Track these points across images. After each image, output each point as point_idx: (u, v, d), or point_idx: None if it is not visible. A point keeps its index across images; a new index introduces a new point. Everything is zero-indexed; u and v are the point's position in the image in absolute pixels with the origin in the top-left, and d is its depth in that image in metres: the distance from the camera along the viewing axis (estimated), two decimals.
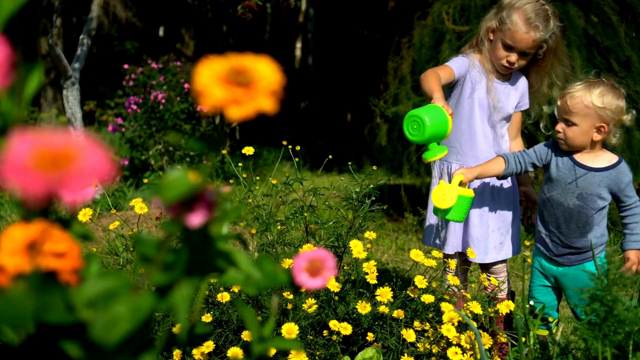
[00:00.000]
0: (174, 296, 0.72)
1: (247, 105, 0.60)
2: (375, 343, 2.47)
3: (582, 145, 2.64)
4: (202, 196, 0.69)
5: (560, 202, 2.67)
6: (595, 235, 2.66)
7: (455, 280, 2.50)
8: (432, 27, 5.24)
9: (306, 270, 0.92)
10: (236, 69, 0.61)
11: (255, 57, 0.63)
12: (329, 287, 2.38)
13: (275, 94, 0.61)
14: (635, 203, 2.64)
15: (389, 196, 6.74)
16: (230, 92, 0.59)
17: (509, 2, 2.78)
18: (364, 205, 2.68)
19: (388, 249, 4.93)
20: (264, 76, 0.61)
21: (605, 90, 2.57)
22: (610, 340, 1.98)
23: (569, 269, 2.71)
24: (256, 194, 2.78)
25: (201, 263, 0.81)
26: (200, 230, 0.77)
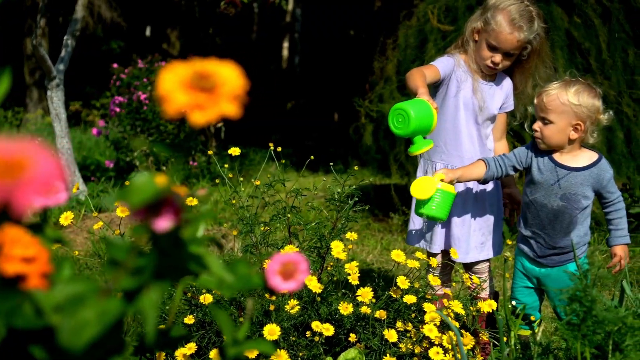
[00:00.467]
0: (142, 301, 0.72)
1: (211, 110, 0.60)
2: (358, 344, 2.47)
3: (559, 144, 2.64)
4: (169, 201, 0.69)
5: (544, 204, 2.68)
6: (579, 235, 2.67)
7: (436, 280, 2.50)
8: (417, 28, 5.25)
9: (279, 273, 0.92)
10: (200, 74, 0.61)
11: (219, 62, 0.63)
12: (311, 288, 2.38)
13: (238, 99, 0.61)
14: (617, 198, 2.66)
15: (376, 196, 6.76)
16: (193, 97, 0.60)
17: (494, 3, 2.79)
18: (346, 206, 2.68)
19: (373, 249, 4.94)
20: (227, 81, 0.61)
21: (581, 88, 2.58)
22: (590, 340, 1.99)
23: (552, 270, 2.72)
24: (241, 194, 2.77)
25: (172, 267, 0.81)
26: (171, 234, 0.77)
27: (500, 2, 2.78)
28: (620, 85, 4.66)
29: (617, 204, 2.66)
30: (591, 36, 4.63)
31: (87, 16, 8.42)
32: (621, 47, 4.69)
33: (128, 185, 0.67)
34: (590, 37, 4.64)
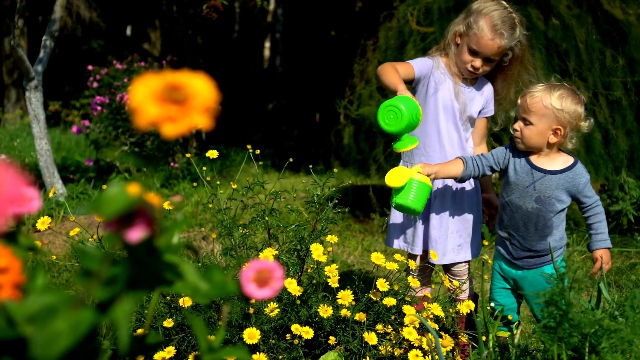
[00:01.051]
0: (115, 311, 0.72)
1: (182, 122, 0.60)
2: (338, 346, 2.47)
3: (537, 146, 2.66)
4: (141, 211, 0.69)
5: (519, 205, 2.70)
6: (555, 239, 2.68)
7: (416, 282, 2.51)
8: (398, 29, 5.26)
9: (254, 280, 0.92)
10: (171, 86, 0.61)
11: (192, 74, 0.63)
12: (290, 291, 2.38)
13: (210, 111, 0.61)
14: (595, 202, 2.67)
15: (356, 197, 6.77)
16: (164, 110, 0.59)
17: (477, 8, 2.80)
18: (326, 208, 2.69)
19: (354, 250, 4.95)
20: (199, 93, 0.61)
21: (565, 93, 2.60)
22: (567, 342, 2.00)
23: (528, 272, 2.74)
24: (220, 197, 2.77)
25: (147, 276, 0.81)
26: (145, 243, 0.77)
27: (483, 7, 2.79)
28: (597, 87, 4.70)
29: (596, 208, 2.67)
30: (569, 38, 4.67)
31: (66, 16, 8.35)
32: (598, 50, 4.73)
33: (100, 196, 0.67)
34: (568, 39, 4.67)
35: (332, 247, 5.01)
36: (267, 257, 2.42)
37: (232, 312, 2.47)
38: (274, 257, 2.49)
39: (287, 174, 8.34)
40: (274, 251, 2.48)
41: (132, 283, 0.76)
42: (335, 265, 2.49)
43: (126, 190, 0.66)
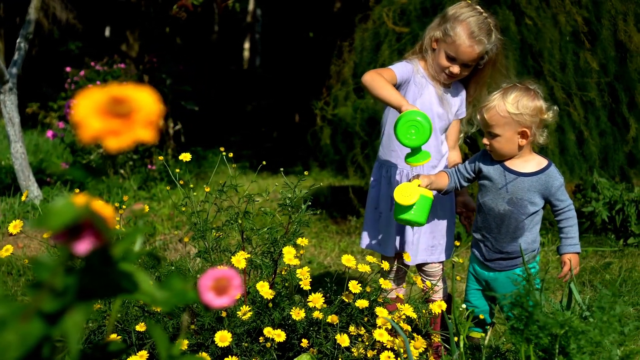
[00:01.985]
0: (66, 323, 0.72)
1: (126, 136, 0.60)
2: (311, 349, 2.48)
3: (511, 153, 2.67)
4: (89, 223, 0.69)
5: (492, 207, 2.71)
6: (526, 241, 2.70)
7: (387, 284, 2.52)
8: (373, 31, 5.28)
9: (212, 289, 0.92)
10: (115, 99, 0.61)
11: (136, 87, 0.63)
12: (262, 294, 2.38)
13: (154, 124, 0.61)
14: (568, 207, 2.68)
15: (334, 198, 6.77)
16: (108, 124, 0.60)
17: (454, 14, 2.80)
18: (300, 210, 2.69)
19: (331, 252, 4.95)
20: (143, 106, 0.61)
21: (518, 95, 2.60)
22: (536, 343, 2.02)
23: (500, 274, 2.75)
24: (194, 199, 2.76)
25: (101, 286, 0.81)
26: (99, 253, 0.77)
27: (459, 13, 2.80)
28: (571, 88, 4.74)
29: (568, 212, 2.68)
30: (542, 39, 4.70)
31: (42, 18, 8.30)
32: (572, 50, 4.76)
33: (46, 209, 0.67)
34: (542, 39, 4.70)
35: (310, 248, 5.03)
36: (239, 260, 2.42)
37: (205, 316, 2.47)
38: (246, 260, 2.49)
39: (265, 175, 8.34)
40: (246, 254, 2.48)
41: (84, 293, 0.76)
42: (307, 268, 2.49)
43: (72, 202, 0.66)
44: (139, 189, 6.83)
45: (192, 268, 2.85)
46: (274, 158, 9.56)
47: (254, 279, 2.66)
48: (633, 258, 4.64)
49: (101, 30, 13.01)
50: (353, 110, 5.19)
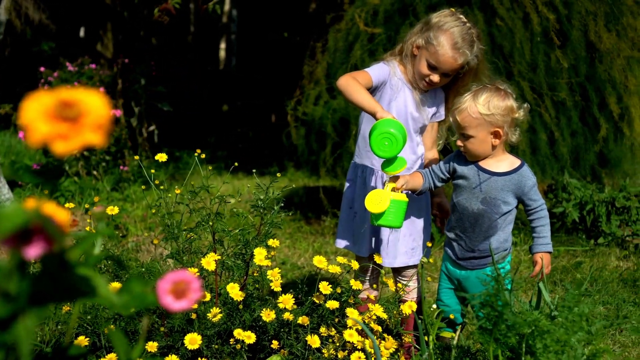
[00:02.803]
0: (17, 328, 0.71)
1: (74, 140, 0.60)
2: (282, 350, 2.48)
3: (485, 153, 2.70)
4: (40, 227, 0.69)
5: (466, 206, 2.73)
6: (498, 240, 2.72)
7: (358, 284, 2.53)
8: (346, 31, 5.29)
9: (171, 292, 0.92)
10: (64, 103, 0.61)
11: (85, 91, 0.63)
12: (232, 296, 2.38)
13: (103, 128, 0.61)
14: (540, 206, 2.71)
15: (309, 199, 6.77)
16: (56, 127, 0.59)
17: (437, 22, 2.80)
18: (272, 211, 2.69)
19: (305, 252, 4.95)
20: (91, 110, 0.61)
21: (489, 95, 2.63)
22: (504, 343, 2.03)
23: (471, 273, 2.77)
24: (166, 201, 2.75)
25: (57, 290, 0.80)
26: (55, 257, 0.76)
27: (443, 22, 2.79)
28: (542, 88, 4.77)
29: (540, 212, 2.71)
30: (513, 39, 4.73)
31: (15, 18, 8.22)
32: (543, 51, 4.80)
33: None
34: (512, 40, 4.73)
35: (284, 249, 5.03)
36: (209, 262, 2.42)
37: (175, 317, 2.46)
38: (218, 261, 2.49)
39: (241, 176, 8.31)
40: (217, 256, 2.47)
41: (38, 298, 0.76)
42: (277, 269, 2.50)
43: (22, 207, 0.66)
44: (112, 190, 6.78)
45: (163, 270, 2.83)
46: (250, 158, 9.54)
47: (225, 281, 2.66)
48: (603, 257, 4.69)
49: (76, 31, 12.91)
50: (325, 110, 5.19)
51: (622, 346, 3.20)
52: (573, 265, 4.53)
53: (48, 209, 0.74)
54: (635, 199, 5.02)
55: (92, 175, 6.93)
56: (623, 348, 3.17)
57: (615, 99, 4.86)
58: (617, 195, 5.01)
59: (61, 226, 0.76)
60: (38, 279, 0.76)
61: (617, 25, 4.86)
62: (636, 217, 4.99)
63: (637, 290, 3.99)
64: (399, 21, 5.04)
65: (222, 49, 14.95)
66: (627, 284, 4.12)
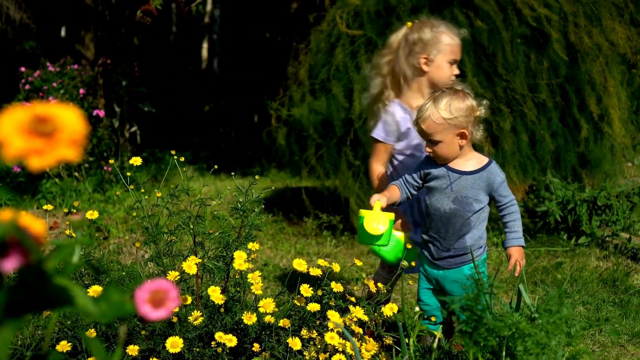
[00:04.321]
0: None
1: (49, 155, 0.60)
2: (263, 352, 2.48)
3: (454, 155, 2.78)
4: (15, 240, 0.69)
5: (438, 207, 2.78)
6: (473, 238, 2.78)
7: (339, 287, 2.54)
8: (328, 32, 5.29)
9: (148, 301, 0.92)
10: (39, 118, 0.61)
11: (61, 106, 0.63)
12: (213, 299, 2.38)
13: (78, 143, 0.61)
14: (511, 202, 2.78)
15: (291, 199, 6.77)
16: (31, 143, 0.60)
17: (426, 34, 3.08)
18: (253, 213, 2.69)
19: (287, 253, 4.95)
20: (67, 125, 0.61)
21: (449, 99, 2.70)
22: (484, 346, 2.05)
23: (448, 272, 2.81)
24: (151, 201, 2.75)
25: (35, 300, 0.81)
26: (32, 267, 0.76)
27: (433, 32, 3.08)
28: (523, 89, 4.80)
29: (511, 207, 2.77)
30: (495, 40, 4.76)
31: None
32: (523, 52, 4.83)
33: None
34: (494, 40, 4.76)
35: (266, 250, 5.03)
36: (190, 265, 2.42)
37: (156, 321, 2.46)
38: (199, 264, 2.49)
39: (223, 177, 8.30)
40: (198, 259, 2.48)
41: (14, 309, 0.76)
42: (258, 272, 2.50)
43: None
44: (94, 191, 6.75)
45: (144, 273, 2.83)
46: (232, 159, 9.53)
47: (206, 283, 2.66)
48: (584, 257, 4.72)
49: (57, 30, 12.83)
50: (308, 111, 5.19)
51: (601, 346, 3.22)
52: (553, 265, 4.56)
53: (24, 220, 0.74)
54: (616, 199, 5.06)
55: (73, 177, 6.89)
56: (603, 348, 3.20)
57: (595, 100, 4.90)
58: (599, 194, 5.05)
59: (37, 237, 0.77)
60: (14, 290, 0.76)
61: (597, 27, 4.90)
62: (616, 217, 5.03)
63: (617, 291, 4.03)
64: (382, 23, 5.06)
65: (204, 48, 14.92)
66: (606, 284, 4.15)
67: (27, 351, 2.63)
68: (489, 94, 4.68)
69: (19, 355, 2.64)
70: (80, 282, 2.59)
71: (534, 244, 5.05)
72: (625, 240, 4.97)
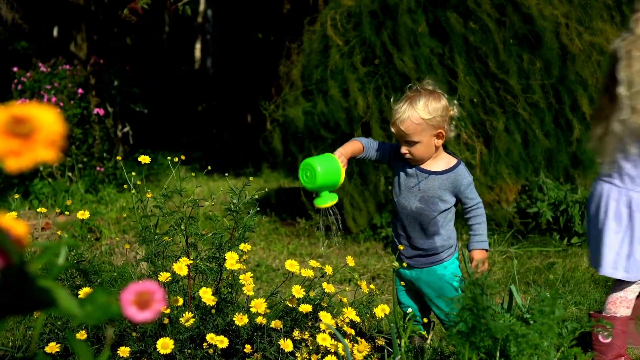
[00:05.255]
0: None
1: (26, 156, 0.59)
2: (255, 354, 2.47)
3: (429, 156, 2.78)
4: None
5: (404, 205, 2.79)
6: (442, 238, 2.79)
7: (330, 287, 2.53)
8: (321, 33, 5.28)
9: (134, 303, 0.91)
10: (16, 119, 0.60)
11: (39, 106, 0.62)
12: (205, 300, 2.37)
13: (56, 144, 0.60)
14: (476, 205, 2.77)
15: (285, 200, 6.77)
16: (7, 144, 0.59)
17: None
18: (247, 216, 2.68)
19: (280, 254, 4.95)
20: (44, 126, 0.60)
21: (425, 100, 2.69)
22: (479, 346, 2.04)
23: (421, 274, 2.82)
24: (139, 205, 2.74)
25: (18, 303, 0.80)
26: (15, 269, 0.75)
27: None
28: (516, 90, 4.80)
29: (476, 210, 2.77)
30: (487, 41, 4.76)
31: None
32: (516, 53, 4.83)
33: None
34: (487, 42, 4.76)
35: (259, 251, 5.02)
36: (181, 267, 2.41)
37: (147, 322, 2.45)
38: (191, 265, 2.48)
39: (216, 177, 8.29)
40: (189, 261, 2.46)
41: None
42: (250, 274, 2.49)
43: None
44: (86, 192, 6.73)
45: (136, 274, 2.81)
46: (225, 159, 9.52)
47: (199, 284, 2.65)
48: (576, 258, 4.73)
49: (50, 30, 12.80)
50: (302, 113, 5.19)
51: None
52: (546, 266, 4.56)
53: (5, 222, 0.73)
54: None
55: (66, 177, 6.87)
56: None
57: (587, 101, 4.91)
58: None
59: (19, 240, 0.76)
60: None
61: (588, 28, 4.91)
62: None
63: (608, 291, 4.02)
64: (375, 23, 5.05)
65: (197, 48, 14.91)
66: (598, 284, 4.16)
67: (17, 352, 2.62)
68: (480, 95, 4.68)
69: (9, 356, 2.63)
70: (71, 283, 2.58)
71: (526, 245, 5.05)
72: None
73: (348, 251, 5.04)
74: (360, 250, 5.04)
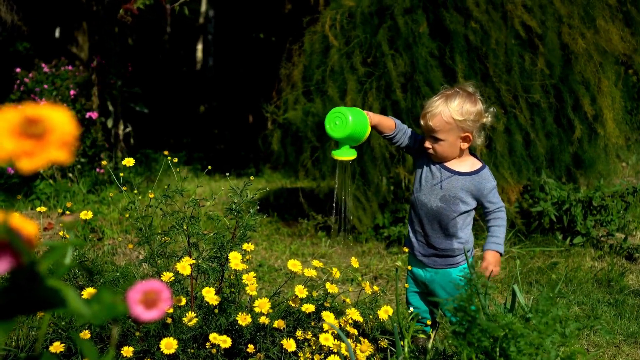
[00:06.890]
0: None
1: (39, 157, 0.60)
2: (258, 354, 2.48)
3: (452, 156, 2.74)
4: (5, 243, 0.68)
5: (425, 203, 2.77)
6: (460, 241, 2.76)
7: (334, 288, 2.53)
8: (322, 34, 5.28)
9: (141, 302, 0.91)
10: (29, 120, 0.61)
11: (51, 107, 0.62)
12: (207, 300, 2.38)
13: (68, 145, 0.61)
14: (499, 208, 2.74)
15: (286, 200, 6.77)
16: (21, 145, 0.59)
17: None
18: (248, 214, 2.68)
19: (282, 254, 4.95)
20: (57, 127, 0.61)
21: (461, 101, 2.67)
22: (478, 346, 2.05)
23: (436, 275, 2.80)
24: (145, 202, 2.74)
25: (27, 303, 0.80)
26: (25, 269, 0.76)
27: None
28: (517, 90, 4.80)
29: (498, 213, 2.73)
30: (488, 41, 4.76)
31: None
32: (517, 53, 4.83)
33: None
34: (487, 42, 4.76)
35: (261, 251, 5.02)
36: (184, 266, 2.41)
37: (150, 322, 2.45)
38: (193, 265, 2.48)
39: (218, 177, 8.30)
40: (192, 260, 2.47)
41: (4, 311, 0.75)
42: (253, 273, 2.49)
43: None
44: (88, 192, 6.74)
45: (138, 274, 2.82)
46: (227, 160, 9.52)
47: (201, 284, 2.65)
48: (579, 257, 4.73)
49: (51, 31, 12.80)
50: (303, 114, 5.19)
51: (596, 346, 3.23)
52: (548, 265, 4.56)
53: (15, 222, 0.74)
54: (610, 199, 5.07)
55: (68, 178, 6.88)
56: (597, 348, 3.21)
57: (589, 100, 4.90)
58: (594, 194, 5.06)
59: (29, 239, 0.76)
60: (6, 292, 0.76)
61: (591, 28, 4.91)
62: (611, 217, 5.04)
63: (612, 291, 4.03)
64: (375, 23, 5.06)
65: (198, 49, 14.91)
66: (601, 284, 4.16)
67: (21, 352, 2.63)
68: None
69: (13, 356, 2.64)
70: (74, 283, 2.59)
71: (528, 244, 5.05)
72: (620, 240, 4.98)
73: (351, 251, 5.05)
74: (363, 250, 5.04)
